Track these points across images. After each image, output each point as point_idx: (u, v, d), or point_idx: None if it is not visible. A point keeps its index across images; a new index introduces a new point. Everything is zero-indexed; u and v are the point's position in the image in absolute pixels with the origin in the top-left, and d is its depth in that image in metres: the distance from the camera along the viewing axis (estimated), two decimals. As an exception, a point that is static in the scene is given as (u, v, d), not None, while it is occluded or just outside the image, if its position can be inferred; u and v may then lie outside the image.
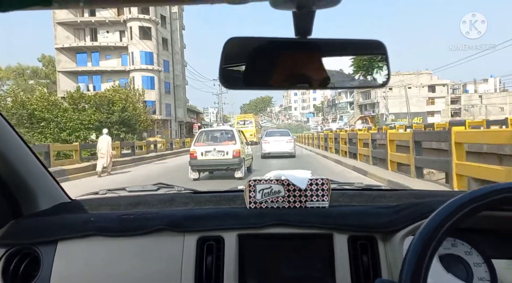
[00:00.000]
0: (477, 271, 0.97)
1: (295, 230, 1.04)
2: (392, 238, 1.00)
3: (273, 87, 0.83)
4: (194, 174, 9.34)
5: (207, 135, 10.59)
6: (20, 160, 1.13)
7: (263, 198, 1.13)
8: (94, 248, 1.08)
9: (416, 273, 0.60)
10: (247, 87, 0.80)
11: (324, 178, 1.13)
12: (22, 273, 1.08)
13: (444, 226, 0.61)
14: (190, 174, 9.34)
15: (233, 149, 9.62)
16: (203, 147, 9.71)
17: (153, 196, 1.37)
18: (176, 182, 1.61)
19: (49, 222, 1.14)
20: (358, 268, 0.99)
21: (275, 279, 1.02)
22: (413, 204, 1.05)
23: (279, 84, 0.82)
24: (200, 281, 1.02)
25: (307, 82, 0.83)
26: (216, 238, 1.05)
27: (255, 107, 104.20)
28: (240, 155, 9.51)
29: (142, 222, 1.10)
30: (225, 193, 1.36)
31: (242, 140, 10.29)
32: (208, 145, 9.84)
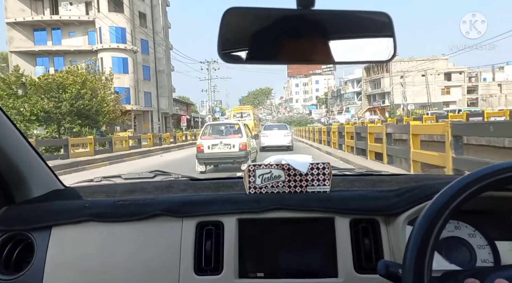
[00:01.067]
0: (481, 253, 1.00)
1: (295, 214, 1.06)
2: (395, 221, 1.02)
3: (274, 61, 0.82)
4: (201, 167, 9.71)
5: (213, 129, 10.93)
6: (12, 146, 1.14)
7: (263, 183, 1.14)
8: (89, 234, 1.09)
9: (421, 254, 0.60)
10: (247, 61, 0.79)
11: (326, 162, 1.14)
12: (16, 259, 1.09)
13: (449, 206, 0.62)
14: (197, 167, 9.61)
15: (240, 141, 9.92)
16: (209, 140, 9.98)
17: (149, 183, 1.37)
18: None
19: (42, 208, 1.14)
20: (360, 251, 1.01)
21: (276, 264, 1.04)
22: (415, 186, 1.06)
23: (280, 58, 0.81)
24: (199, 266, 1.03)
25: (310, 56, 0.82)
26: (215, 223, 1.07)
27: (254, 99, 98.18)
28: (247, 148, 9.78)
29: (138, 208, 1.10)
30: (224, 180, 1.37)
31: (248, 133, 10.58)
32: (215, 138, 10.10)
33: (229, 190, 1.24)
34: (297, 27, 0.76)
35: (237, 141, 9.90)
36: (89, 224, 1.09)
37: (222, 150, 9.77)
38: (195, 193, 1.23)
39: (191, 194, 1.23)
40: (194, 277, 1.03)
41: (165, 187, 1.30)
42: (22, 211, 1.15)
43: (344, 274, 1.00)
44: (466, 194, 0.62)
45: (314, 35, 0.80)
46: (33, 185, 1.22)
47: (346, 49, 0.83)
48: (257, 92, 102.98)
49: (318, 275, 1.02)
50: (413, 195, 1.03)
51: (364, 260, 1.01)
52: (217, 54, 0.76)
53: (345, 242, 1.03)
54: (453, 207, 0.62)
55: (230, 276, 1.02)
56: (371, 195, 1.09)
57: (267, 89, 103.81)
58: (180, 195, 1.21)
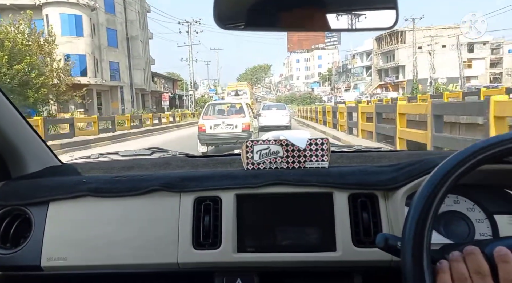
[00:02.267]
0: (479, 227, 1.04)
1: (294, 189, 1.09)
2: (394, 195, 1.06)
3: (273, 28, 0.81)
4: (203, 148, 9.67)
5: (215, 108, 10.96)
6: (7, 122, 1.16)
7: (261, 158, 1.16)
8: (87, 209, 1.13)
9: (420, 227, 0.62)
10: (245, 28, 0.78)
11: (324, 137, 1.17)
12: (14, 234, 1.13)
13: (448, 179, 0.64)
14: (199, 147, 9.59)
15: (242, 122, 9.77)
16: (211, 120, 9.87)
17: (147, 160, 1.40)
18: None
19: (39, 183, 1.18)
20: (359, 225, 1.05)
21: (274, 238, 1.08)
22: (414, 161, 1.09)
23: (280, 25, 0.80)
24: (198, 241, 1.07)
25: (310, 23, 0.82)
26: (213, 198, 1.10)
27: (252, 76, 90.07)
28: (249, 128, 9.70)
29: (136, 183, 1.13)
30: (221, 157, 1.40)
31: (250, 113, 10.52)
32: (217, 118, 10.05)
33: (227, 166, 1.28)
34: None
35: (240, 121, 9.72)
36: (87, 199, 1.12)
37: (224, 130, 9.59)
38: (193, 169, 1.26)
39: (188, 170, 1.26)
40: (193, 251, 1.06)
41: (163, 164, 1.33)
42: (19, 186, 1.18)
43: (343, 248, 1.04)
44: (465, 166, 0.64)
45: (313, 2, 0.79)
46: (29, 161, 1.25)
47: (346, 16, 0.83)
48: (255, 69, 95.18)
49: (317, 249, 1.06)
50: (412, 169, 1.05)
51: (362, 234, 1.05)
52: (213, 19, 0.75)
53: (343, 216, 1.06)
54: (452, 180, 0.64)
55: (228, 250, 1.06)
56: (370, 170, 1.12)
57: (266, 66, 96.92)
58: (178, 171, 1.25)
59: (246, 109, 10.24)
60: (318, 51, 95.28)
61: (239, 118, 9.85)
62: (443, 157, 0.70)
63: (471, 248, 0.62)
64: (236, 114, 10.28)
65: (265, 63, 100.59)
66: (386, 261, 0.99)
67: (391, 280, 0.97)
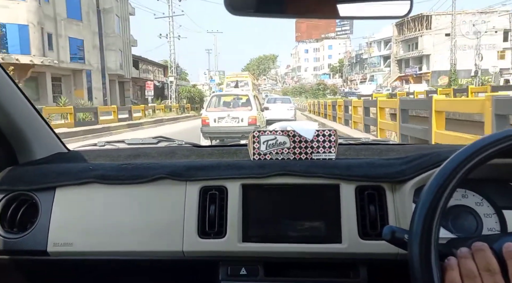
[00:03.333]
0: (487, 221, 1.06)
1: (300, 180, 1.12)
2: (401, 188, 1.08)
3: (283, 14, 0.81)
4: (206, 142, 9.38)
5: (220, 100, 10.55)
6: (16, 109, 1.20)
7: (268, 149, 1.18)
8: (93, 195, 1.17)
9: (428, 220, 0.63)
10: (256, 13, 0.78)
11: (332, 129, 1.19)
12: (20, 219, 1.17)
13: (458, 172, 0.64)
14: (201, 141, 9.27)
15: (249, 115, 9.29)
16: (216, 112, 9.44)
17: (153, 149, 1.44)
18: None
19: (46, 169, 1.22)
20: (365, 218, 1.08)
21: (279, 229, 1.11)
22: (423, 154, 1.11)
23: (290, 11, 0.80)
24: (203, 230, 1.11)
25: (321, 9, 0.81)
26: (219, 188, 1.13)
27: (257, 67, 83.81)
28: (256, 122, 9.29)
29: (142, 171, 1.17)
30: (228, 147, 1.43)
31: (258, 106, 10.16)
32: (222, 110, 9.61)
33: (233, 156, 1.31)
34: None
35: (246, 114, 9.27)
36: (93, 185, 1.16)
37: (229, 123, 9.15)
38: (199, 159, 1.30)
39: (194, 159, 1.29)
40: (198, 239, 1.10)
41: (169, 153, 1.36)
42: (26, 172, 1.22)
43: (348, 240, 1.07)
44: (476, 160, 0.64)
45: None
46: (36, 147, 1.29)
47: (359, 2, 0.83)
48: (260, 59, 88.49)
49: (322, 240, 1.09)
50: (421, 162, 1.07)
51: (369, 227, 1.07)
52: (223, 5, 0.76)
53: (350, 208, 1.09)
54: (463, 173, 0.64)
55: (234, 240, 1.09)
56: (378, 162, 1.14)
57: (272, 56, 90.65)
58: (184, 160, 1.28)
59: (254, 101, 9.88)
60: (328, 40, 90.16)
61: (245, 111, 9.40)
62: (453, 151, 0.71)
63: (479, 244, 0.62)
64: (243, 106, 9.86)
65: (271, 54, 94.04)
66: (393, 254, 1.01)
67: (397, 272, 0.98)
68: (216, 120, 9.22)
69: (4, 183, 1.18)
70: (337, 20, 13.11)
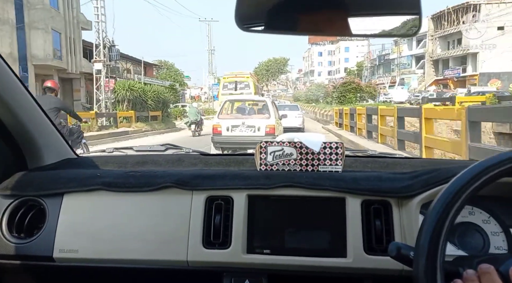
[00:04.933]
0: (494, 240, 1.07)
1: (306, 192, 1.16)
2: (408, 204, 1.11)
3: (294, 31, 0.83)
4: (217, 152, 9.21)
5: (234, 106, 10.11)
6: (27, 114, 1.26)
7: (274, 160, 1.22)
8: (100, 202, 1.23)
9: (435, 238, 0.64)
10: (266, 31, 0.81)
11: (339, 141, 1.24)
12: (28, 224, 1.23)
13: (466, 190, 0.65)
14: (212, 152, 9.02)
15: (266, 124, 8.40)
16: (229, 120, 8.73)
17: (160, 156, 1.47)
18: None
19: (55, 175, 1.28)
20: (371, 232, 1.12)
21: (284, 241, 1.16)
22: (431, 170, 1.15)
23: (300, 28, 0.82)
24: (208, 240, 1.15)
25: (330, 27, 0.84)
26: (225, 198, 1.18)
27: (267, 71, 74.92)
28: (275, 132, 8.50)
29: (149, 179, 1.22)
30: (235, 156, 1.46)
31: (276, 113, 9.27)
32: (236, 117, 8.94)
33: (239, 166, 1.35)
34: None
35: (263, 123, 8.39)
36: (101, 192, 1.21)
37: (244, 133, 8.29)
38: (206, 168, 1.35)
39: (201, 168, 1.35)
40: (202, 249, 1.14)
41: (176, 160, 1.40)
42: (35, 177, 1.27)
43: (354, 255, 1.10)
44: (485, 178, 0.65)
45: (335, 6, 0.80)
46: (46, 153, 1.34)
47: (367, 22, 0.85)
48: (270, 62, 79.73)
49: (327, 254, 1.12)
50: (429, 178, 1.10)
51: (374, 242, 1.11)
52: (234, 22, 0.79)
53: (355, 222, 1.12)
54: (471, 191, 0.65)
55: (238, 251, 1.13)
56: (385, 176, 1.18)
57: (283, 59, 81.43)
58: (191, 168, 1.33)
59: (272, 108, 8.99)
60: (344, 42, 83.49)
61: (262, 119, 8.61)
62: (461, 167, 0.72)
63: (486, 267, 0.62)
64: (259, 114, 9.26)
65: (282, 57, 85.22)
66: (397, 270, 1.04)
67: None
68: (229, 128, 8.37)
69: (13, 188, 1.23)
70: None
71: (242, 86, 21.54)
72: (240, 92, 21.13)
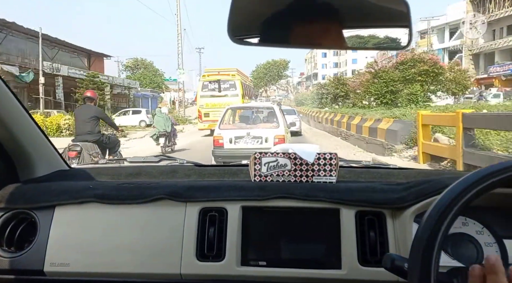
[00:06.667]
0: (488, 250, 1.12)
1: (300, 203, 1.20)
2: (402, 215, 1.16)
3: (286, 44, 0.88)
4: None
5: (237, 114, 9.94)
6: (19, 126, 1.31)
7: (269, 171, 1.28)
8: (92, 215, 1.26)
9: (428, 249, 0.67)
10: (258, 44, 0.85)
11: (333, 152, 1.28)
12: (19, 237, 1.26)
13: (459, 201, 0.69)
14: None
15: (275, 134, 8.13)
16: (232, 130, 8.48)
17: (154, 167, 1.52)
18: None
19: (46, 187, 1.32)
20: (365, 243, 1.16)
21: (278, 253, 1.20)
22: (424, 180, 1.20)
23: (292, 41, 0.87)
24: (202, 252, 1.19)
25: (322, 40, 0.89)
26: (219, 209, 1.22)
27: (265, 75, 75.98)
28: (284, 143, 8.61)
29: (142, 191, 1.26)
30: (229, 167, 1.53)
31: (284, 122, 8.92)
32: (240, 127, 8.71)
33: (234, 177, 1.39)
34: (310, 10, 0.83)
35: (271, 133, 8.11)
36: (93, 205, 1.26)
37: (249, 145, 8.01)
38: (200, 179, 1.39)
39: (195, 179, 1.39)
40: (196, 262, 1.18)
41: (170, 172, 1.45)
42: (26, 190, 1.31)
43: (348, 266, 1.15)
44: (478, 189, 0.69)
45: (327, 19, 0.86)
46: (38, 165, 1.38)
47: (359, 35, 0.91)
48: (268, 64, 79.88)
49: (321, 266, 1.17)
50: (422, 189, 1.16)
51: (368, 253, 1.16)
52: (227, 34, 0.83)
53: (350, 234, 1.17)
54: (464, 202, 0.69)
55: (232, 264, 1.17)
56: (378, 187, 1.23)
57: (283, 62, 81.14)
58: (185, 180, 1.37)
59: (280, 116, 8.68)
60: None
61: (269, 129, 8.28)
62: (453, 178, 0.76)
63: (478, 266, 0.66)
64: (266, 123, 8.93)
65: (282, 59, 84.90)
66: (392, 282, 1.07)
67: None
68: (232, 140, 8.13)
69: (4, 200, 1.27)
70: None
71: (226, 86, 18.83)
72: (224, 94, 18.62)
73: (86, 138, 6.48)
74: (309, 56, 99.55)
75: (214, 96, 18.55)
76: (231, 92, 18.74)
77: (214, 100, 18.38)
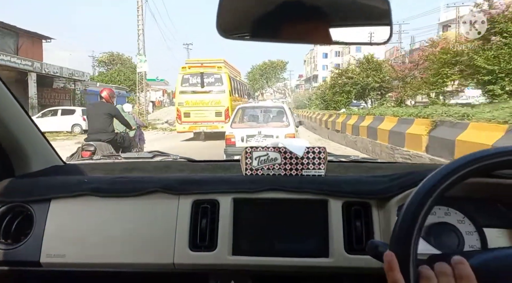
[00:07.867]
0: (469, 239, 1.22)
1: (290, 195, 1.30)
2: (386, 205, 1.26)
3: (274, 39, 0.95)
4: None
5: (248, 113, 10.18)
6: (14, 121, 1.39)
7: (260, 165, 1.37)
8: (87, 208, 1.34)
9: (407, 236, 0.75)
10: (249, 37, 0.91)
11: (322, 146, 1.38)
12: (15, 230, 1.35)
13: (435, 190, 0.76)
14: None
15: (286, 133, 8.63)
16: (244, 129, 9.03)
17: (148, 163, 1.63)
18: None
19: (42, 181, 1.41)
20: (352, 233, 1.26)
21: (269, 243, 1.29)
22: (408, 172, 1.30)
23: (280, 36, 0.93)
24: (194, 243, 1.28)
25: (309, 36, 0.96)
26: (211, 201, 1.31)
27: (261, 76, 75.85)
28: None
29: (136, 184, 1.35)
30: (221, 162, 1.64)
31: (294, 121, 9.50)
32: (251, 126, 9.22)
33: (226, 171, 1.50)
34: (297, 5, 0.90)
35: (282, 132, 8.59)
36: (88, 198, 1.34)
37: (261, 143, 8.35)
38: (193, 174, 1.48)
39: (188, 174, 1.48)
40: (189, 252, 1.27)
41: (163, 167, 1.57)
42: (22, 184, 1.40)
43: (335, 255, 1.25)
44: (451, 180, 0.76)
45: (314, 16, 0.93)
46: (33, 160, 1.48)
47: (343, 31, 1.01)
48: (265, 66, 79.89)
49: (310, 254, 1.27)
50: (405, 180, 1.26)
51: (355, 242, 1.26)
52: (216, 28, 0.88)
53: (337, 224, 1.27)
54: (439, 192, 0.76)
55: (224, 253, 1.26)
56: (365, 180, 1.34)
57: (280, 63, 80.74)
58: (178, 174, 1.47)
59: (290, 114, 9.34)
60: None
61: (280, 128, 8.81)
62: (434, 170, 0.84)
63: (458, 258, 0.73)
64: (277, 122, 9.46)
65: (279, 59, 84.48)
66: (377, 269, 1.14)
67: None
68: (244, 139, 8.67)
69: (0, 194, 1.36)
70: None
71: (211, 80, 16.82)
72: (208, 90, 16.70)
73: (100, 138, 6.45)
74: (309, 57, 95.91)
75: (196, 92, 16.67)
76: (216, 88, 16.75)
77: (196, 97, 16.62)
